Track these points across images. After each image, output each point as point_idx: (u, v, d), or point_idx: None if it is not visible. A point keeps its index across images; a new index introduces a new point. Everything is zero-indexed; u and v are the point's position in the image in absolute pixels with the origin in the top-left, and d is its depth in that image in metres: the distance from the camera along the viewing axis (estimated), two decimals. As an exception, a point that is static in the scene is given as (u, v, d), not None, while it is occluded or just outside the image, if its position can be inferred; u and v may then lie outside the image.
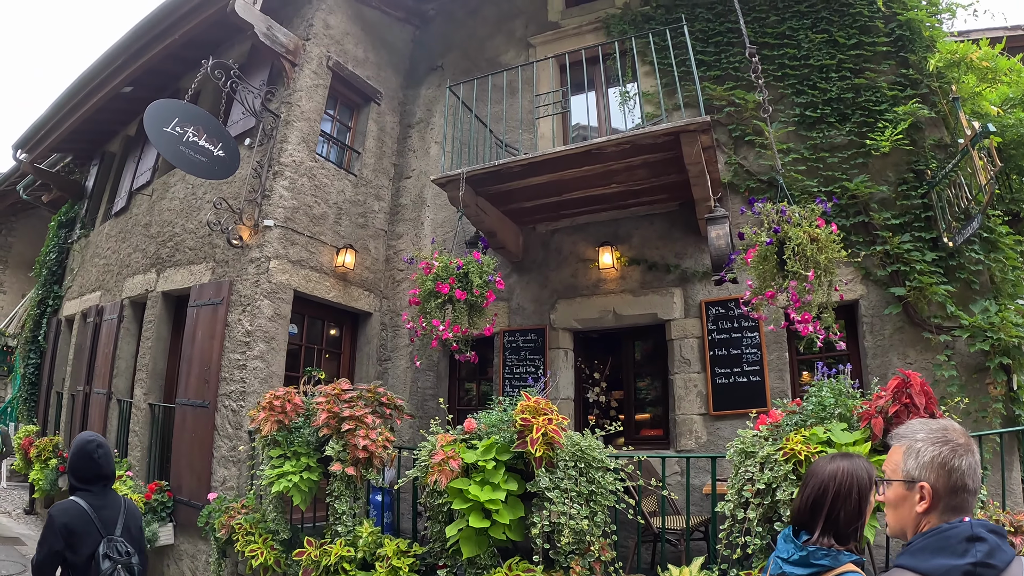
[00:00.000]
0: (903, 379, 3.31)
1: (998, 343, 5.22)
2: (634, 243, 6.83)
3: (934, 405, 3.30)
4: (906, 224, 5.79)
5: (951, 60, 6.41)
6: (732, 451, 3.64)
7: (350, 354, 7.86)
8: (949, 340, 5.38)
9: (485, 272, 5.01)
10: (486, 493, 3.75)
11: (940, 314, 5.45)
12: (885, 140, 5.77)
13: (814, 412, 3.56)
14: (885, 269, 5.74)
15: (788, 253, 3.96)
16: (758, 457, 3.47)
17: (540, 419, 3.74)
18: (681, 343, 6.36)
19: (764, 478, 3.38)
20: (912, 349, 5.53)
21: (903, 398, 3.28)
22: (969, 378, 5.34)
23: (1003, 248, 5.82)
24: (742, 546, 3.46)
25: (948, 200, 5.50)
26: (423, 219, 8.09)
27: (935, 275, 5.50)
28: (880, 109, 6.15)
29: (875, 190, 5.92)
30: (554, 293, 7.06)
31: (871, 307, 5.79)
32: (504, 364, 7.04)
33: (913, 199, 5.84)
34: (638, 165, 5.75)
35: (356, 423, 4.66)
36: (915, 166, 5.96)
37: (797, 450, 3.32)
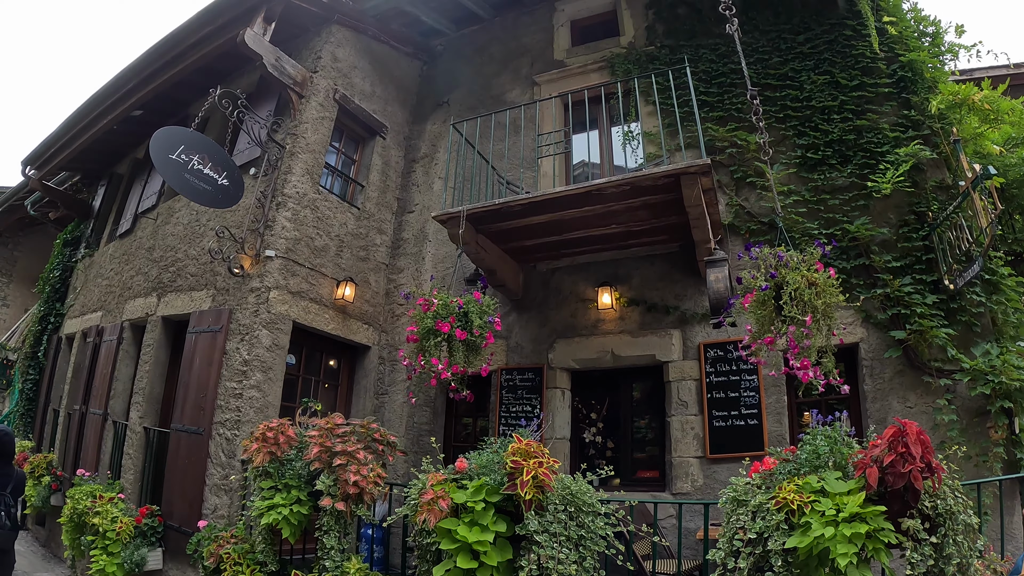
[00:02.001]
0: (899, 428, 3.25)
1: (999, 386, 5.16)
2: (634, 284, 6.84)
3: (931, 454, 3.23)
4: (907, 267, 5.76)
5: (953, 101, 6.44)
6: (724, 499, 3.59)
7: (347, 386, 7.84)
8: (950, 384, 5.32)
9: (485, 312, 5.00)
10: (475, 534, 3.69)
11: (941, 357, 5.40)
12: (886, 182, 5.77)
13: (808, 460, 3.50)
14: (886, 312, 5.71)
15: (785, 298, 3.93)
16: (750, 506, 3.41)
17: (531, 462, 3.69)
18: (679, 385, 6.32)
19: (756, 527, 3.32)
20: (912, 393, 5.47)
21: (899, 447, 3.21)
22: (970, 422, 5.28)
23: (1005, 290, 5.77)
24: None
25: (949, 242, 5.49)
26: (424, 254, 8.11)
27: (936, 318, 5.46)
28: (881, 151, 6.17)
29: (876, 232, 5.91)
30: (553, 332, 7.06)
31: (871, 350, 5.74)
32: (501, 402, 7.01)
33: (914, 241, 5.82)
34: (638, 206, 5.76)
35: (348, 458, 4.63)
36: (916, 208, 5.95)
37: (790, 499, 3.25)
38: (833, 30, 6.84)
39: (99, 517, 6.25)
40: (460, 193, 7.10)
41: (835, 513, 3.14)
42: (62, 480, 8.28)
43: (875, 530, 3.09)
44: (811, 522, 3.15)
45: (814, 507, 3.21)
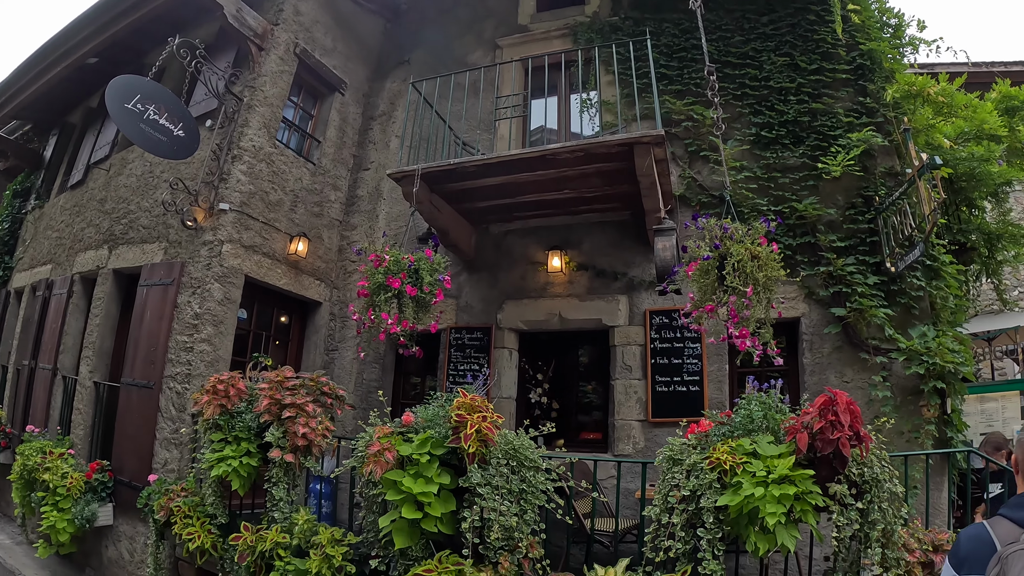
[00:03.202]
0: (830, 397, 3.40)
1: (933, 367, 5.38)
2: (584, 249, 6.92)
3: (859, 424, 3.39)
4: (851, 247, 5.94)
5: (908, 92, 6.59)
6: (661, 458, 3.73)
7: (298, 342, 7.84)
8: (886, 362, 5.53)
9: (436, 270, 5.05)
10: (419, 486, 3.77)
11: (879, 336, 5.60)
12: (836, 165, 5.92)
13: (742, 424, 3.65)
14: (828, 289, 5.89)
15: (728, 269, 4.05)
16: (685, 465, 3.56)
17: (475, 416, 3.78)
18: (624, 350, 6.45)
19: (690, 485, 3.47)
20: (849, 368, 5.68)
21: (829, 415, 3.35)
22: (904, 400, 5.50)
23: (945, 276, 5.99)
24: (666, 549, 3.54)
25: (893, 227, 5.66)
26: (378, 212, 8.10)
27: (876, 298, 5.66)
28: (834, 134, 6.31)
29: (823, 212, 6.07)
30: (503, 293, 7.13)
31: (812, 325, 5.93)
32: (449, 361, 7.09)
33: (860, 223, 6.00)
34: (592, 173, 5.83)
35: (297, 411, 4.68)
36: (864, 192, 6.12)
37: (723, 460, 3.40)
38: (797, 14, 6.93)
39: (49, 473, 6.20)
40: (417, 152, 7.07)
41: (765, 475, 3.29)
42: (11, 437, 8.15)
43: (803, 492, 3.25)
44: (742, 482, 3.30)
45: (746, 468, 3.36)
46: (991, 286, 9.16)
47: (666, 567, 3.62)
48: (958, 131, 7.77)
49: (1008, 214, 8.77)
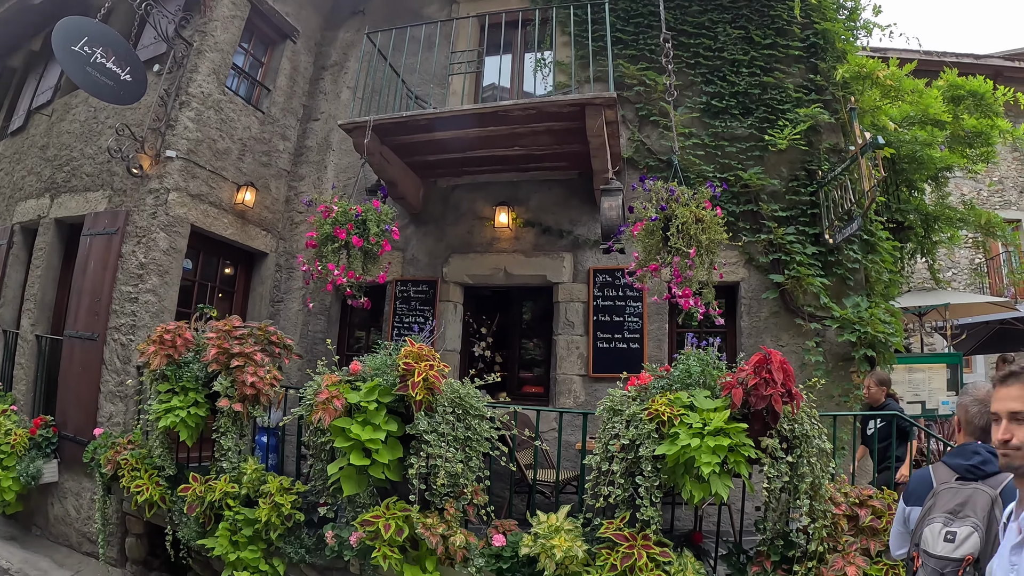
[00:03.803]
0: (764, 355, 3.56)
1: (865, 336, 5.65)
2: (531, 206, 7.01)
3: (791, 382, 3.56)
4: (792, 218, 6.16)
5: (858, 73, 6.79)
6: (602, 408, 3.86)
7: (243, 293, 7.78)
8: (820, 328, 5.80)
9: (383, 221, 5.08)
10: (367, 432, 3.84)
11: (814, 304, 5.86)
12: (783, 138, 6.11)
13: (680, 378, 3.80)
14: (767, 257, 6.12)
15: (673, 230, 4.19)
16: (625, 415, 3.69)
17: (422, 364, 3.85)
18: (567, 306, 6.61)
19: (629, 434, 3.61)
20: (785, 333, 5.93)
21: (763, 372, 3.52)
22: (836, 365, 5.78)
23: (881, 251, 6.27)
24: (606, 496, 3.70)
25: (834, 201, 5.88)
26: (327, 163, 8.02)
27: (813, 268, 5.90)
28: (783, 108, 6.49)
29: (767, 182, 6.27)
30: (449, 247, 7.18)
31: (751, 290, 6.16)
32: (395, 313, 7.14)
33: (802, 196, 6.22)
34: (542, 131, 5.90)
35: (245, 360, 4.67)
36: (808, 165, 6.33)
37: (661, 411, 3.54)
38: (756, -12, 7.03)
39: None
40: (368, 104, 7.01)
41: (701, 427, 3.45)
42: (-51, 396, 7.89)
43: (737, 444, 3.43)
44: (679, 433, 3.45)
45: (683, 420, 3.52)
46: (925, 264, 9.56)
47: (605, 513, 3.79)
48: (904, 115, 8.03)
49: (947, 198, 9.16)
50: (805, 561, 3.61)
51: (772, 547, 3.71)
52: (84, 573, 5.58)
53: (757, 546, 3.83)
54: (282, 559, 4.41)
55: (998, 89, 8.60)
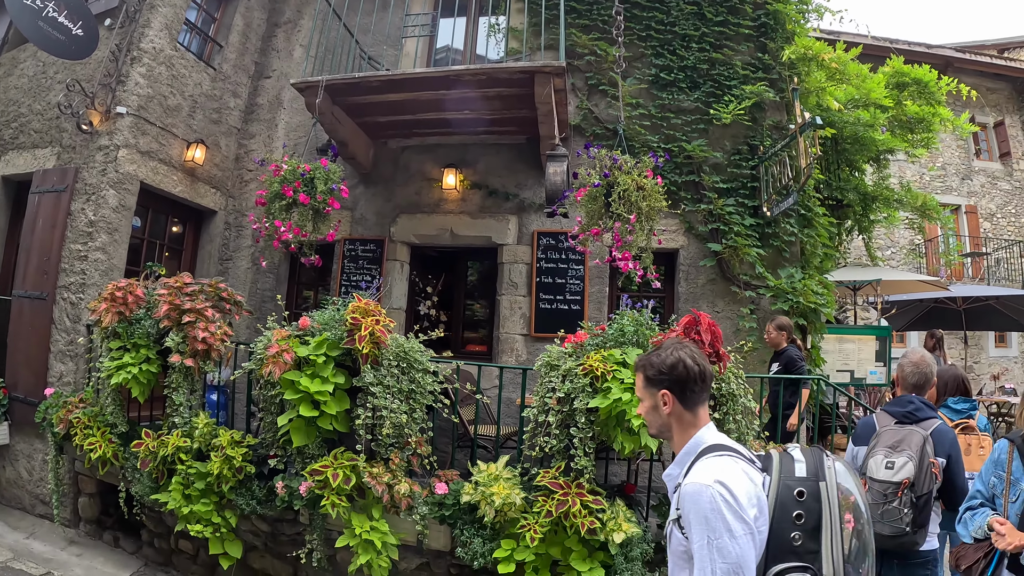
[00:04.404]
0: (694, 317, 3.79)
1: (797, 306, 5.95)
2: (479, 169, 7.14)
3: (719, 343, 3.79)
4: (733, 190, 6.41)
5: (804, 55, 7.02)
6: (540, 363, 4.06)
7: (192, 251, 7.77)
8: (754, 296, 6.07)
9: (331, 180, 5.19)
10: (316, 385, 3.97)
11: (750, 273, 6.13)
12: (728, 113, 6.33)
13: (614, 336, 4.00)
14: (707, 226, 6.37)
15: (614, 197, 4.38)
16: (561, 370, 3.89)
17: (368, 320, 3.99)
18: (511, 267, 6.81)
19: (564, 388, 3.80)
20: (721, 299, 6.21)
21: (692, 333, 3.74)
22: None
23: (817, 226, 6.56)
24: (542, 447, 3.89)
25: (773, 175, 6.14)
26: (278, 121, 8.01)
27: (751, 238, 6.17)
28: (730, 84, 6.69)
29: (710, 155, 6.50)
30: (397, 207, 7.28)
31: (689, 257, 6.41)
32: (343, 271, 7.24)
33: (743, 169, 6.46)
34: (492, 96, 6.03)
35: (197, 316, 4.73)
36: (751, 140, 6.57)
37: (595, 367, 3.74)
38: (711, -34, 7.16)
39: (-60, 394, 5.98)
40: (321, 63, 7.04)
41: (633, 382, 3.61)
42: None
43: None
44: (612, 387, 3.65)
45: (615, 375, 3.71)
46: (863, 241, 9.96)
47: (542, 463, 3.99)
48: (849, 97, 8.33)
49: (887, 179, 9.53)
50: None
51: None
52: (38, 535, 5.59)
53: None
54: (234, 511, 4.50)
55: (942, 79, 8.95)
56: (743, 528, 1.63)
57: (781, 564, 1.71)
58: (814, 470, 1.81)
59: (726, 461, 1.76)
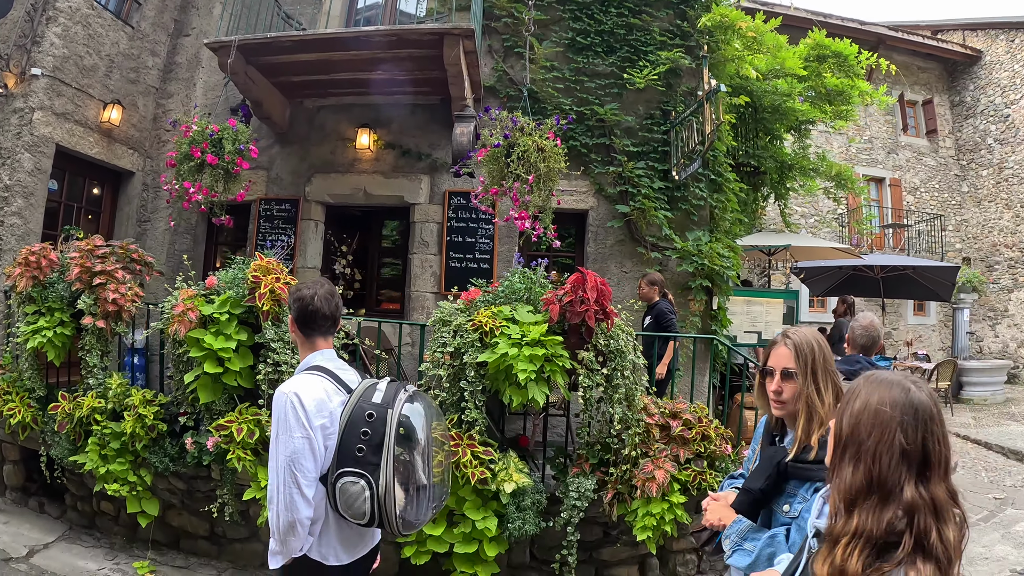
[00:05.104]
0: (581, 275, 3.90)
1: (702, 268, 6.18)
2: (393, 129, 7.18)
3: (607, 300, 3.92)
4: (644, 153, 6.57)
5: (721, 23, 7.14)
6: (433, 319, 4.20)
7: (111, 214, 7.72)
8: (661, 258, 6.30)
9: (239, 140, 5.23)
10: (220, 342, 4.06)
11: (657, 235, 6.34)
12: (641, 78, 6.45)
13: (504, 294, 4.16)
14: (616, 188, 6.53)
15: (514, 157, 4.52)
16: (452, 326, 4.03)
17: (269, 277, 4.09)
18: (423, 226, 6.93)
19: (455, 343, 3.95)
20: (629, 260, 6.42)
21: (579, 291, 3.86)
22: (676, 293, 6.28)
23: (727, 191, 6.79)
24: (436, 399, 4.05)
25: (683, 140, 6.30)
26: (196, 80, 7.90)
27: (659, 201, 6.35)
28: (646, 50, 6.79)
29: (622, 119, 6.64)
30: (312, 167, 7.30)
31: (599, 218, 6.59)
32: (258, 231, 7.26)
33: (655, 133, 6.62)
34: (405, 57, 6.08)
35: (107, 278, 4.77)
36: (664, 106, 6.72)
37: (484, 322, 3.89)
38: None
39: None
40: (238, 21, 6.91)
41: (520, 338, 3.80)
42: None
43: (553, 355, 3.80)
44: (499, 342, 3.80)
45: (504, 331, 3.86)
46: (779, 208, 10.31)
47: (436, 417, 4.14)
48: (770, 67, 8.57)
49: (807, 149, 9.86)
50: (620, 464, 4.04)
51: (591, 451, 4.15)
52: (-37, 507, 5.56)
53: (578, 449, 4.25)
54: (149, 469, 4.58)
55: (862, 53, 9.25)
56: (302, 432, 2.07)
57: (345, 469, 2.06)
58: (388, 400, 2.15)
59: (312, 378, 2.21)
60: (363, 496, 2.06)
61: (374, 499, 2.06)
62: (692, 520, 4.03)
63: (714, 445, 4.21)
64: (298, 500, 2.05)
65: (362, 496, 2.06)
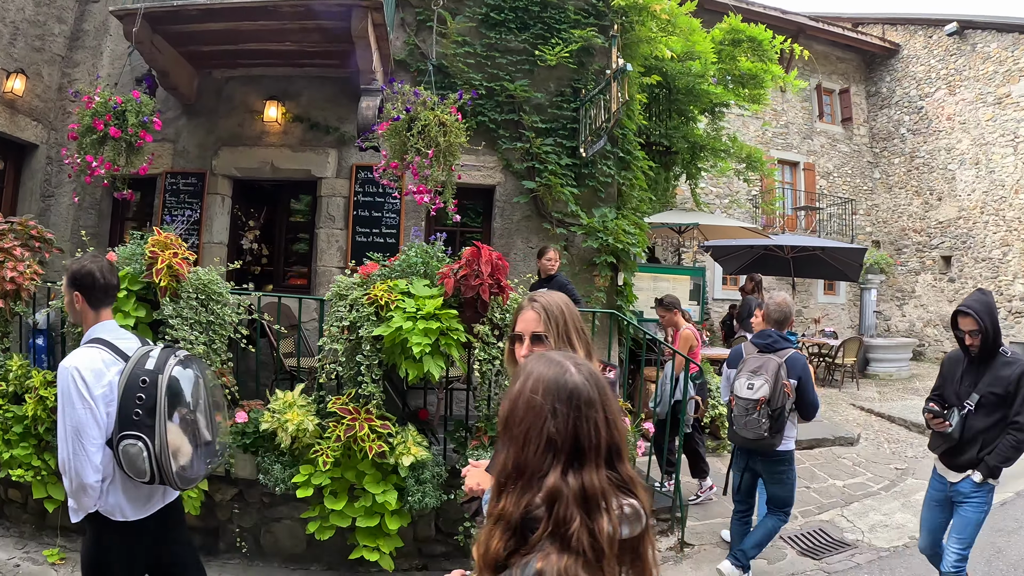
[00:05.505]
0: (476, 250, 3.96)
1: (607, 244, 6.34)
2: (302, 101, 7.07)
3: (502, 275, 3.99)
4: (552, 130, 6.67)
5: (635, 3, 7.16)
6: (330, 294, 4.23)
7: (13, 188, 7.39)
8: (566, 234, 6.44)
9: (143, 112, 5.12)
10: (118, 319, 3.94)
11: (564, 211, 6.47)
12: (553, 55, 6.52)
13: (400, 268, 4.22)
14: (523, 164, 6.62)
15: (415, 131, 4.57)
16: (348, 300, 4.08)
17: (167, 253, 4.04)
18: (329, 200, 6.90)
19: (351, 317, 4.00)
20: (535, 236, 6.54)
21: (473, 265, 3.93)
22: (582, 268, 6.46)
23: (635, 170, 6.95)
24: (329, 374, 4.12)
25: (591, 118, 6.41)
26: (103, 49, 7.56)
27: (566, 178, 6.46)
28: (560, 28, 6.83)
29: (532, 95, 6.71)
30: (219, 140, 7.13)
31: (506, 194, 6.69)
32: (164, 206, 7.06)
33: (565, 111, 6.72)
34: (313, 29, 6.00)
35: (5, 255, 4.62)
36: (575, 84, 6.80)
37: (379, 296, 3.94)
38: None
39: None
40: None
41: (415, 311, 3.86)
42: None
43: (448, 329, 3.87)
44: (395, 316, 3.85)
45: (399, 305, 3.91)
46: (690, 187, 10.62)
47: (337, 391, 4.18)
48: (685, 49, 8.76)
49: (720, 131, 10.16)
50: None
51: (489, 424, 4.21)
52: None
53: (476, 422, 4.31)
54: (53, 453, 4.47)
55: (776, 38, 9.56)
56: (83, 404, 2.25)
57: (125, 432, 2.25)
58: (159, 366, 2.35)
59: (91, 351, 2.39)
60: (142, 456, 2.25)
61: (151, 458, 2.25)
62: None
63: (611, 419, 4.35)
64: (85, 466, 2.25)
65: (141, 456, 2.25)
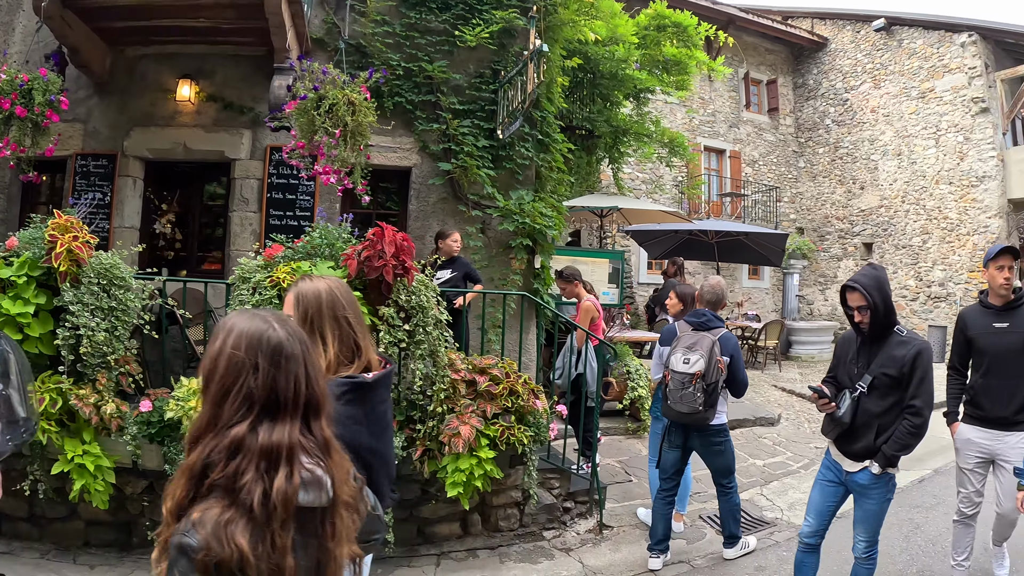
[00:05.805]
0: (380, 230, 3.93)
1: (523, 226, 6.40)
2: (216, 80, 6.88)
3: (408, 256, 3.97)
4: (470, 112, 6.68)
5: None
6: (233, 277, 4.19)
7: None
8: (482, 216, 6.49)
9: (50, 91, 4.95)
10: (17, 307, 3.86)
11: (480, 193, 6.51)
12: (472, 36, 6.51)
13: (304, 249, 4.21)
14: (440, 146, 6.62)
15: (322, 111, 4.52)
16: (251, 283, 4.05)
17: (67, 236, 3.90)
18: (243, 183, 6.77)
19: (254, 300, 3.96)
20: (451, 218, 6.56)
21: (377, 246, 3.90)
22: (499, 251, 6.53)
23: (554, 152, 6.99)
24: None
25: (508, 99, 6.43)
26: (16, 25, 7.19)
27: (483, 159, 6.49)
28: (481, 8, 6.80)
29: (450, 76, 6.69)
30: (131, 120, 6.87)
31: (422, 176, 6.69)
32: (74, 189, 6.79)
33: (483, 92, 6.73)
34: (227, 5, 5.85)
35: None
36: (495, 65, 6.81)
37: (281, 279, 3.93)
38: None
39: None
40: None
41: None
42: None
43: None
44: None
45: None
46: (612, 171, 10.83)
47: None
48: (610, 34, 8.88)
49: (645, 116, 10.37)
50: (428, 421, 4.18)
51: (398, 408, 4.22)
52: None
53: None
54: None
55: (701, 25, 9.78)
56: None
57: None
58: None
59: None
60: None
61: None
62: (504, 475, 4.27)
63: (522, 400, 4.39)
64: None
65: None
